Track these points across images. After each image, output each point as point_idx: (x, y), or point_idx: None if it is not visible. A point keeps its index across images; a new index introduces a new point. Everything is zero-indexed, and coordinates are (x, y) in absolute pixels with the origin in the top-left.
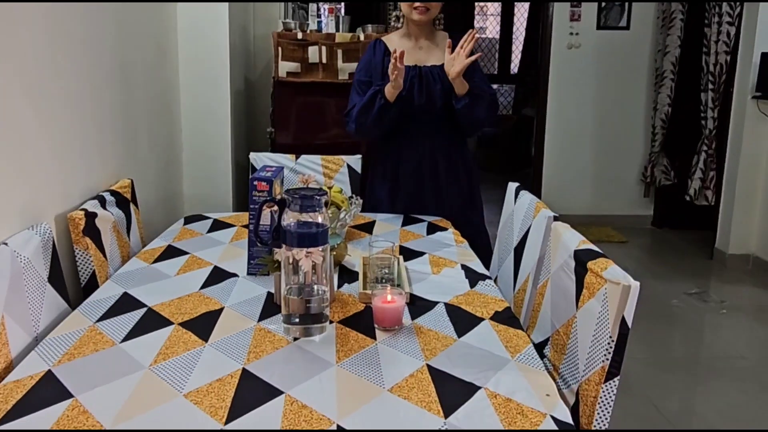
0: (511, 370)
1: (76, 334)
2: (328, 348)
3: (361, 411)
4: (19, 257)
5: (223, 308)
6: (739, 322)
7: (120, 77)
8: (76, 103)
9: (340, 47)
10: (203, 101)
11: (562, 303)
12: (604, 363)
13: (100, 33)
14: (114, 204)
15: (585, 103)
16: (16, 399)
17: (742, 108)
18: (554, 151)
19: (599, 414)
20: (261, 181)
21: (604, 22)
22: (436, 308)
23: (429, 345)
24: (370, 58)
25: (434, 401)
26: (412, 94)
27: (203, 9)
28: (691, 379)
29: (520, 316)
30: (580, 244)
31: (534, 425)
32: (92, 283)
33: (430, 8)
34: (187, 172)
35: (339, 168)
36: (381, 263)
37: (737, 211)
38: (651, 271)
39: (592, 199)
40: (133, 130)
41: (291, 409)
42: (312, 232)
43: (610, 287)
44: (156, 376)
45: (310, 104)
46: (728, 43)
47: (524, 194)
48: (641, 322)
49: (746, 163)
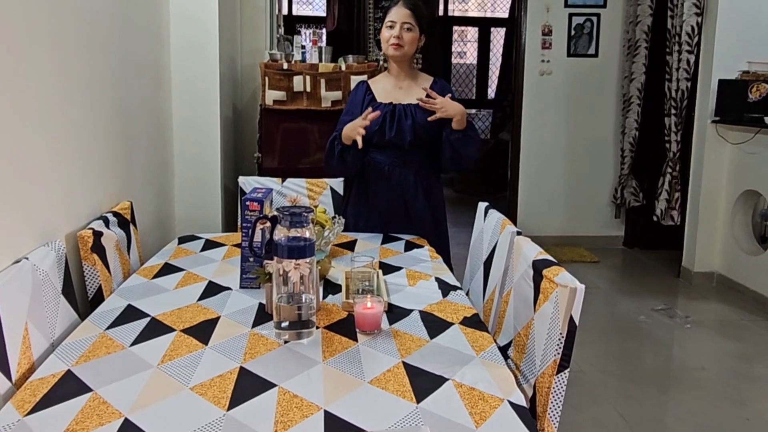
0: (476, 365)
1: (89, 340)
2: (315, 349)
3: (345, 399)
4: (38, 271)
5: (220, 317)
6: (702, 336)
7: (120, 106)
8: (82, 131)
9: (323, 77)
10: (194, 128)
11: (522, 308)
12: (556, 357)
13: (103, 65)
14: (116, 224)
15: (557, 128)
16: (42, 393)
17: (702, 132)
18: (529, 175)
19: (552, 402)
20: (253, 201)
21: (574, 50)
22: (411, 315)
23: (404, 345)
24: (353, 99)
25: (408, 390)
26: (384, 129)
27: (195, 40)
28: (655, 389)
29: (488, 324)
30: (537, 255)
31: (493, 408)
32: (98, 296)
33: (404, 44)
34: (179, 195)
35: (322, 190)
36: (362, 276)
37: (701, 231)
38: (621, 289)
39: (566, 221)
40: (132, 155)
41: (284, 398)
42: (300, 245)
43: (561, 290)
44: (164, 373)
45: (295, 130)
46: (688, 70)
47: (492, 213)
48: (611, 336)
49: (708, 185)
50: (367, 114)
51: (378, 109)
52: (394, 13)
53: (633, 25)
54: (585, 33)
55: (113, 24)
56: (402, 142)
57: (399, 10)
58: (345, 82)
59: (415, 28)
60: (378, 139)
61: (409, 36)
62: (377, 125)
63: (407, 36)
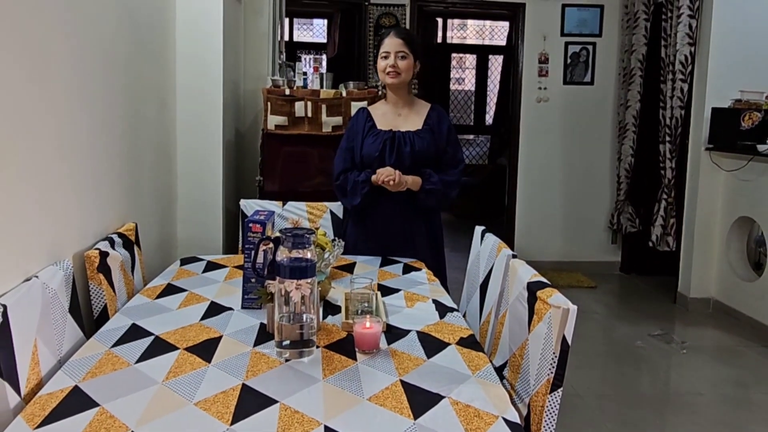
0: (471, 384)
1: (95, 357)
2: (315, 367)
3: (345, 415)
4: (47, 289)
5: (222, 336)
6: (699, 361)
7: (127, 130)
8: (94, 153)
9: (325, 102)
10: (198, 151)
11: (517, 329)
12: (549, 376)
13: (113, 89)
14: (121, 245)
15: (554, 154)
16: (51, 408)
17: (696, 159)
18: (526, 200)
19: (546, 420)
20: (256, 223)
21: (570, 77)
22: (409, 335)
23: (402, 365)
24: (353, 125)
25: (405, 407)
26: (384, 155)
27: (200, 66)
28: (651, 413)
29: (484, 345)
30: (532, 277)
31: (488, 424)
32: (103, 316)
33: (401, 72)
34: (181, 218)
35: (322, 213)
36: (361, 298)
37: (696, 257)
38: (618, 314)
39: (563, 246)
40: (137, 178)
41: (285, 413)
42: (302, 266)
43: (554, 311)
44: (168, 389)
45: (296, 155)
46: (682, 98)
47: (489, 236)
48: (608, 361)
49: (703, 211)
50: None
51: (378, 136)
52: (387, 44)
53: (628, 54)
54: (581, 61)
55: (122, 49)
56: (401, 167)
57: (392, 40)
58: (346, 107)
59: (409, 55)
60: (378, 165)
61: (404, 63)
62: (377, 152)
63: (402, 64)
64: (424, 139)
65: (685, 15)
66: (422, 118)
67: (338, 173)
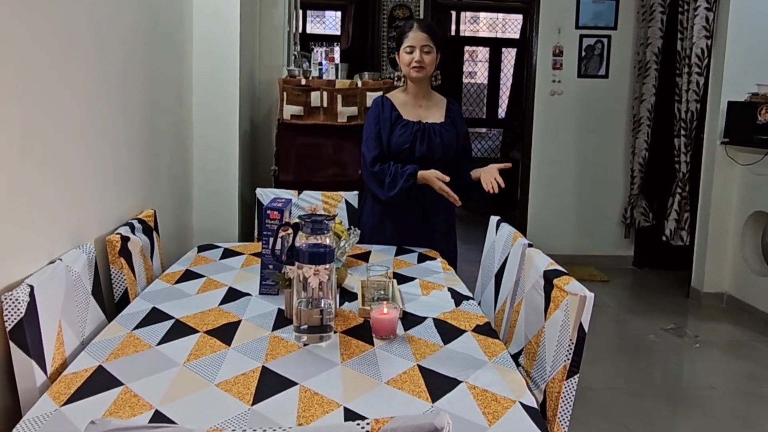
0: (488, 369)
1: (117, 339)
2: (333, 352)
3: (364, 397)
4: (71, 272)
5: (241, 320)
6: (712, 355)
7: (147, 119)
8: (115, 140)
9: (340, 92)
10: (214, 141)
11: (533, 317)
12: (566, 363)
13: (134, 79)
14: (141, 231)
15: (567, 148)
16: (76, 386)
17: (711, 153)
18: (539, 194)
19: (562, 406)
20: (274, 210)
21: (585, 70)
22: (425, 322)
23: (419, 350)
24: (378, 113)
25: (423, 391)
26: (414, 146)
27: (217, 57)
28: (663, 407)
29: (500, 333)
30: (548, 265)
31: (505, 408)
32: (124, 299)
33: (425, 66)
34: (197, 206)
35: (338, 203)
36: (377, 285)
37: (710, 251)
38: (630, 308)
39: (576, 240)
40: (156, 165)
41: (305, 395)
42: (321, 252)
43: (571, 298)
44: (190, 371)
45: (311, 145)
46: (698, 92)
47: (504, 226)
48: (621, 355)
49: (717, 205)
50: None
51: (407, 127)
52: (411, 37)
53: (643, 47)
54: (596, 54)
55: (142, 40)
56: (432, 158)
57: (416, 34)
58: (361, 98)
59: (433, 49)
60: (407, 156)
61: (429, 57)
62: (407, 143)
63: (427, 58)
64: (450, 131)
65: (702, 8)
66: (443, 112)
67: (372, 159)
